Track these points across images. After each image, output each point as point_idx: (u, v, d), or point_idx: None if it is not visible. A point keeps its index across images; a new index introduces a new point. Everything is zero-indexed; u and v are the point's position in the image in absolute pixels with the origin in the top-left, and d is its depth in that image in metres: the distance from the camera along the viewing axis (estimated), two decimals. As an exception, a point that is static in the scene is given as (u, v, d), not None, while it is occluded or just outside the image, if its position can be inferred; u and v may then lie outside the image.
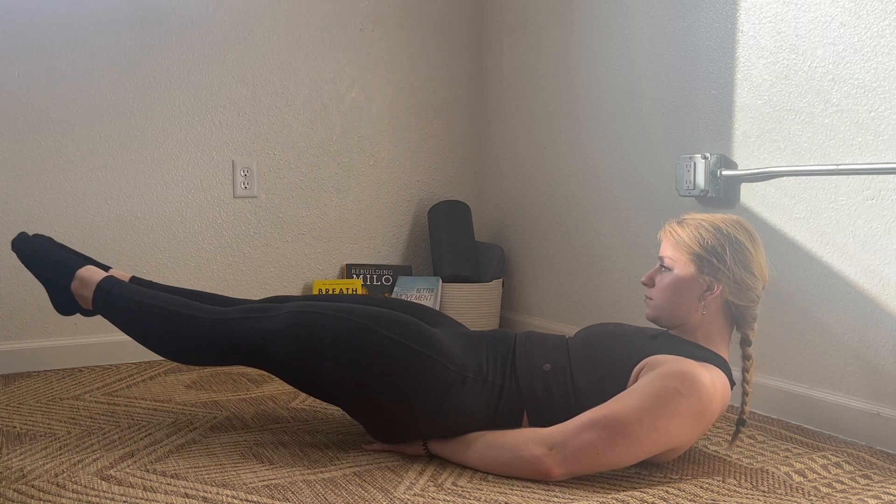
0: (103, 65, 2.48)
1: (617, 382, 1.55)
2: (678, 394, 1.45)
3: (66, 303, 1.84)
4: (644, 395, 1.46)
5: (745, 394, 1.66)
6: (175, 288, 1.92)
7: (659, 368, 1.50)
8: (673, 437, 1.49)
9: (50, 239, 1.93)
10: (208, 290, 2.64)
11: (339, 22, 2.83)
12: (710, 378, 1.50)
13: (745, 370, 1.66)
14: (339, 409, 1.99)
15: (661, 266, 1.67)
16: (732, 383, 1.60)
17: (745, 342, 1.66)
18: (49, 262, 1.85)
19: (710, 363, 1.56)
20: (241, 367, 2.44)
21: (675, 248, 1.64)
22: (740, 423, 1.68)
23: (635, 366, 1.55)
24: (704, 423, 1.52)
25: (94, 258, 2.50)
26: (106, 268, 1.89)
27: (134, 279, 1.90)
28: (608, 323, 1.81)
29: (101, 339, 2.49)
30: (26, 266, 1.87)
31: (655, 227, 2.33)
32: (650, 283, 1.68)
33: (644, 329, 1.71)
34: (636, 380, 1.53)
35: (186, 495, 1.42)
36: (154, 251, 2.58)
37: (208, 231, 2.65)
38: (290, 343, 1.62)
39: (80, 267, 1.82)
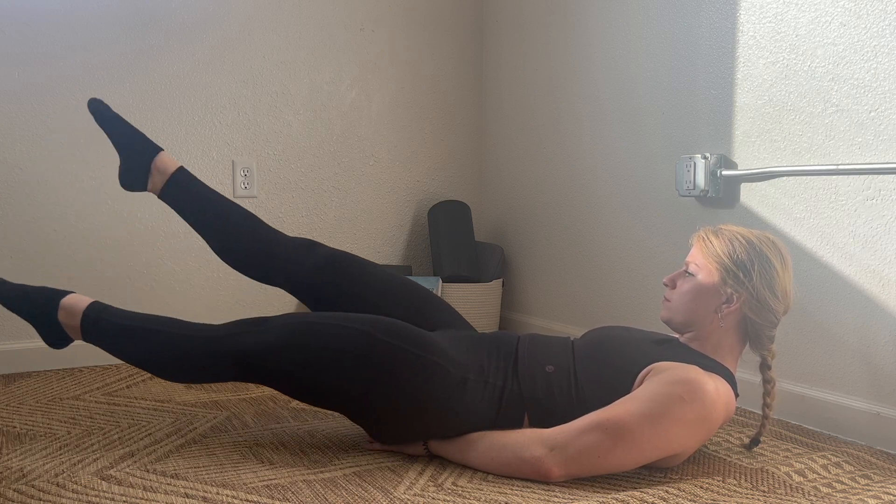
0: (103, 65, 2.47)
1: (621, 386, 1.55)
2: (682, 400, 1.45)
3: (56, 336, 1.75)
4: (647, 400, 1.46)
5: (764, 416, 1.68)
6: (220, 197, 1.91)
7: (663, 374, 1.50)
8: (674, 442, 1.49)
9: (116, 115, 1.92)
10: (208, 290, 2.66)
11: (339, 22, 2.83)
12: (715, 386, 1.50)
13: (765, 394, 1.66)
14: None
15: (686, 271, 1.67)
16: (737, 394, 1.60)
17: (764, 365, 1.66)
18: (29, 297, 1.74)
19: (716, 373, 1.56)
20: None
21: (704, 255, 1.64)
22: (754, 441, 1.71)
23: (640, 370, 1.55)
24: (707, 431, 1.52)
25: (93, 258, 2.50)
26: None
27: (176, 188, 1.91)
28: (615, 326, 1.80)
29: (101, 339, 2.48)
30: (10, 309, 1.75)
31: (655, 226, 2.34)
32: (672, 284, 1.68)
33: (651, 334, 1.71)
34: (641, 384, 1.53)
35: (186, 495, 1.42)
36: (155, 251, 2.58)
37: (208, 231, 2.65)
38: (288, 354, 1.59)
39: (63, 296, 1.73)
